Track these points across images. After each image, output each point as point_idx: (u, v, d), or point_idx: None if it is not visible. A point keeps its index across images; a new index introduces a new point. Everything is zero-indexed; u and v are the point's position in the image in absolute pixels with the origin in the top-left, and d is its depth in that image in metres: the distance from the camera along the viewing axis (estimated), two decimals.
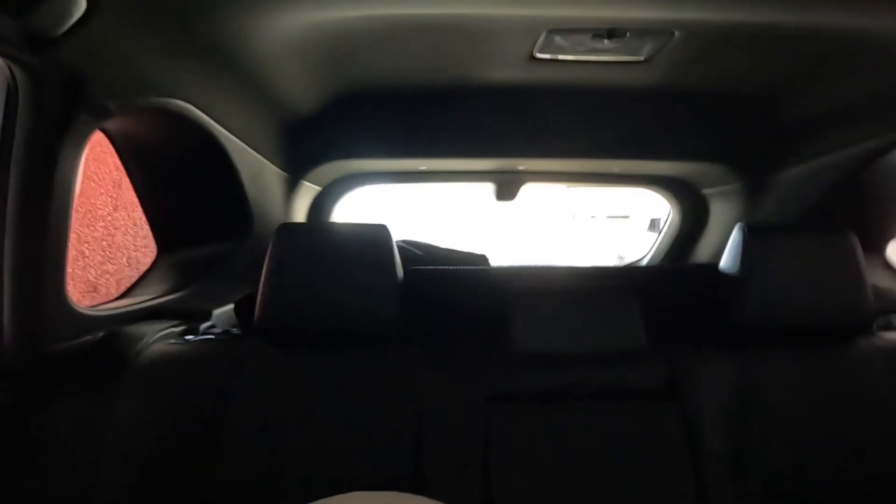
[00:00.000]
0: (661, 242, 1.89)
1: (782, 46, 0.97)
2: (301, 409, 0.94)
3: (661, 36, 0.93)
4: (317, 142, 1.34)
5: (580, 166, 1.57)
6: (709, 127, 1.33)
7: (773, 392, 0.99)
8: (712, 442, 0.97)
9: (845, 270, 1.02)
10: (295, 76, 1.06)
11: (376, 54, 1.05)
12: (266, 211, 1.30)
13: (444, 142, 1.35)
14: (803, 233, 1.07)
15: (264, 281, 0.97)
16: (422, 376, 0.98)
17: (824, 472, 0.95)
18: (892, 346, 1.05)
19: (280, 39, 0.87)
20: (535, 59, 1.04)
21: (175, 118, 0.90)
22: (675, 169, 1.58)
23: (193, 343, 1.01)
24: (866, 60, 0.96)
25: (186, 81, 0.86)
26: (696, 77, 1.13)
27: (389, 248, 1.00)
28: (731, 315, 1.04)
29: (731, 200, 1.57)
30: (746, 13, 0.76)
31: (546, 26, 0.90)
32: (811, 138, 1.27)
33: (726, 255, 1.09)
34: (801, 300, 1.01)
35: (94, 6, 0.60)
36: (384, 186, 1.78)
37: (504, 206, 1.80)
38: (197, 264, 1.23)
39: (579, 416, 1.00)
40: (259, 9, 0.76)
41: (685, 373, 1.03)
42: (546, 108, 1.26)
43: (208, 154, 1.05)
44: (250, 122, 1.09)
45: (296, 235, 1.02)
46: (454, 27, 0.92)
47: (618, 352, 1.04)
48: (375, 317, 0.97)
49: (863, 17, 0.77)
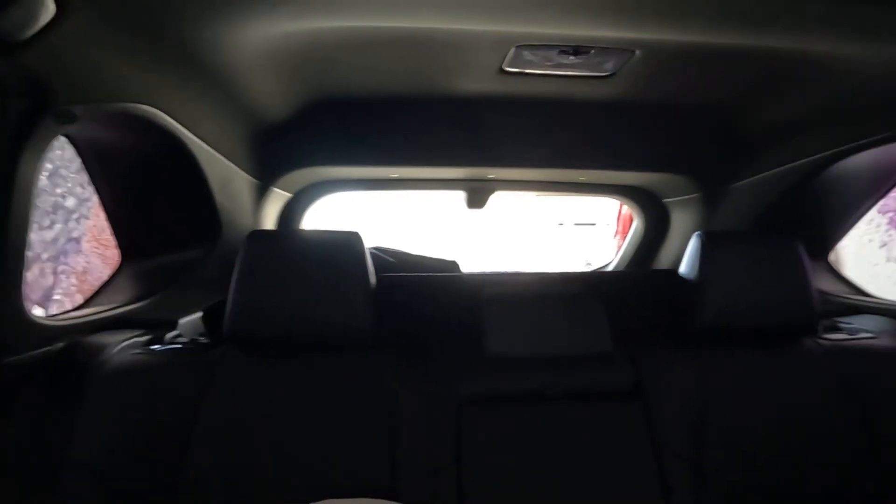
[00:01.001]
0: (625, 249, 1.96)
1: (734, 66, 1.03)
2: (273, 418, 0.93)
3: (623, 54, 0.97)
4: (287, 148, 1.33)
5: (548, 175, 1.61)
6: (669, 139, 1.40)
7: (730, 392, 1.05)
8: (674, 442, 1.01)
9: (793, 275, 1.09)
10: (266, 84, 1.05)
11: (348, 65, 1.05)
12: (235, 218, 1.28)
13: (414, 150, 1.36)
14: (755, 240, 1.13)
15: (234, 288, 0.96)
16: (394, 382, 0.98)
17: (778, 467, 1.00)
18: (836, 347, 1.12)
19: (252, 48, 0.87)
20: (505, 73, 1.07)
21: (142, 124, 0.88)
22: (637, 179, 1.64)
23: (159, 353, 0.99)
24: (809, 79, 1.04)
25: (155, 87, 0.84)
26: (656, 92, 1.18)
27: (361, 254, 1.01)
28: (690, 318, 1.10)
29: (690, 209, 1.64)
30: (698, 35, 0.81)
31: (514, 42, 0.93)
32: (762, 151, 1.35)
33: (685, 262, 1.14)
34: (753, 304, 1.07)
35: (62, 11, 0.59)
36: (357, 194, 1.78)
37: (476, 214, 1.82)
38: (163, 272, 1.20)
39: (549, 419, 1.02)
40: (231, 18, 0.76)
41: (649, 375, 1.08)
42: (515, 120, 1.30)
43: (176, 160, 1.03)
44: (220, 128, 1.08)
45: (266, 242, 1.02)
46: (425, 40, 0.94)
47: (585, 355, 1.08)
48: (348, 324, 0.98)
49: (803, 41, 0.83)
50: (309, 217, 1.71)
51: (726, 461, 1.00)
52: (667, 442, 1.01)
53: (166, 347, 1.02)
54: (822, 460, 1.01)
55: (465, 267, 1.63)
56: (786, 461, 1.00)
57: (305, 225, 1.70)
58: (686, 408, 1.03)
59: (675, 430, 1.02)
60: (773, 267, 1.09)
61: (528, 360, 1.06)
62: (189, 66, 0.85)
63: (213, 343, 1.06)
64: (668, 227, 1.79)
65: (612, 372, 1.09)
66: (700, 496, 0.97)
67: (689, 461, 1.00)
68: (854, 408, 1.04)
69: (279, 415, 0.93)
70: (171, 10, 0.71)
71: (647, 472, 0.99)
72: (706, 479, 0.99)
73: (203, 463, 0.88)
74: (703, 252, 1.10)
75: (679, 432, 1.02)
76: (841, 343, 1.14)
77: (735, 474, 0.99)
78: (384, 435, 0.94)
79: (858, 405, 1.04)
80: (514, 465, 0.98)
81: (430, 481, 0.94)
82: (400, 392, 0.98)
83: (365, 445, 0.93)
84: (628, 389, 1.08)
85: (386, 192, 1.74)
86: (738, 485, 0.99)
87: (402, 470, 0.93)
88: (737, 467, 0.99)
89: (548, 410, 1.03)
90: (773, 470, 1.00)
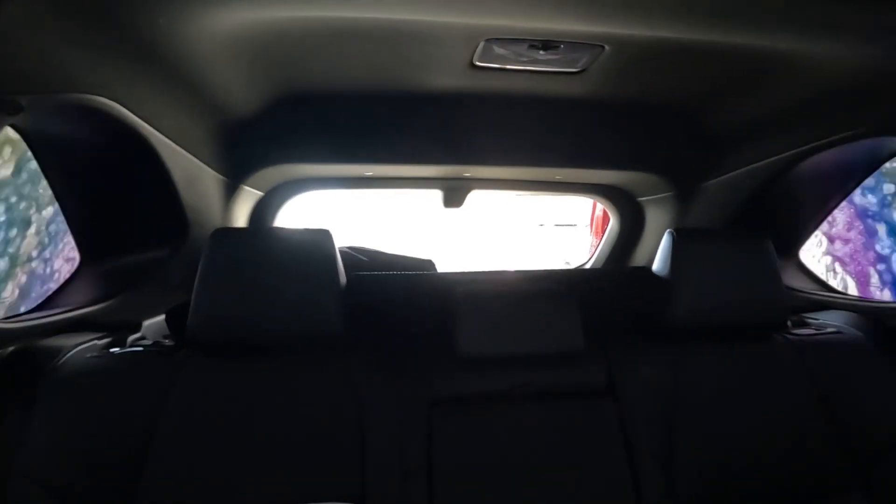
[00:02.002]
0: (602, 247, 1.97)
1: (701, 63, 1.04)
2: (237, 423, 0.90)
3: (592, 49, 0.97)
4: (257, 145, 1.30)
5: (524, 174, 1.61)
6: (641, 138, 1.40)
7: (701, 387, 1.05)
8: (646, 439, 1.01)
9: (763, 272, 1.10)
10: (231, 77, 1.02)
11: (316, 58, 1.03)
12: (204, 217, 1.24)
13: (389, 148, 1.35)
14: (725, 237, 1.14)
15: (198, 288, 0.93)
16: (365, 384, 0.97)
17: (747, 460, 1.01)
18: (804, 342, 1.14)
19: (212, 38, 0.84)
20: (476, 67, 1.06)
21: (99, 116, 0.85)
22: (612, 177, 1.65)
23: (118, 356, 0.95)
24: (775, 78, 1.05)
25: (111, 78, 0.81)
26: (627, 89, 1.19)
27: (331, 253, 0.99)
28: (662, 315, 1.10)
29: (664, 207, 1.65)
30: (665, 30, 0.81)
31: (484, 35, 0.92)
32: (732, 149, 1.37)
33: (658, 259, 1.15)
34: (724, 300, 1.08)
35: None
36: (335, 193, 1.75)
37: (457, 215, 1.81)
38: (125, 272, 1.16)
39: (521, 418, 1.01)
40: (188, 6, 0.73)
41: (621, 372, 1.08)
42: (489, 117, 1.29)
43: (138, 156, 1.00)
44: (184, 122, 1.04)
45: (232, 241, 0.99)
46: (394, 33, 0.92)
47: (558, 353, 1.07)
48: (317, 324, 0.95)
49: (767, 39, 0.84)
50: (283, 216, 1.68)
51: (697, 457, 1.00)
52: (638, 439, 1.01)
53: (126, 350, 0.98)
54: (790, 453, 1.02)
55: (443, 267, 1.62)
56: (755, 455, 1.01)
57: (278, 224, 1.67)
58: (657, 404, 1.03)
59: (646, 427, 1.02)
60: (743, 264, 1.10)
61: (500, 359, 1.05)
62: (146, 56, 0.82)
63: (177, 346, 1.02)
64: (644, 226, 1.81)
65: (584, 370, 1.08)
66: (671, 492, 0.97)
67: (660, 458, 1.00)
68: (821, 401, 1.06)
69: (244, 420, 0.90)
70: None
71: (618, 470, 0.99)
72: (677, 476, 0.99)
73: (162, 472, 0.84)
74: (674, 249, 1.10)
75: (650, 429, 1.02)
76: (809, 338, 1.16)
77: (705, 470, 1.00)
78: (354, 438, 0.92)
79: (826, 398, 1.06)
80: (485, 466, 0.97)
81: (402, 484, 0.92)
82: (370, 393, 0.96)
83: (334, 449, 0.91)
84: (601, 387, 1.07)
85: (366, 192, 1.71)
86: (708, 480, 0.99)
87: (372, 473, 0.91)
88: (707, 463, 1.00)
89: (520, 410, 1.02)
90: (742, 464, 1.01)
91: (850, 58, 0.90)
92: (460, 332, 1.05)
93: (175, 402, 0.89)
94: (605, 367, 1.09)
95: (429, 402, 1.01)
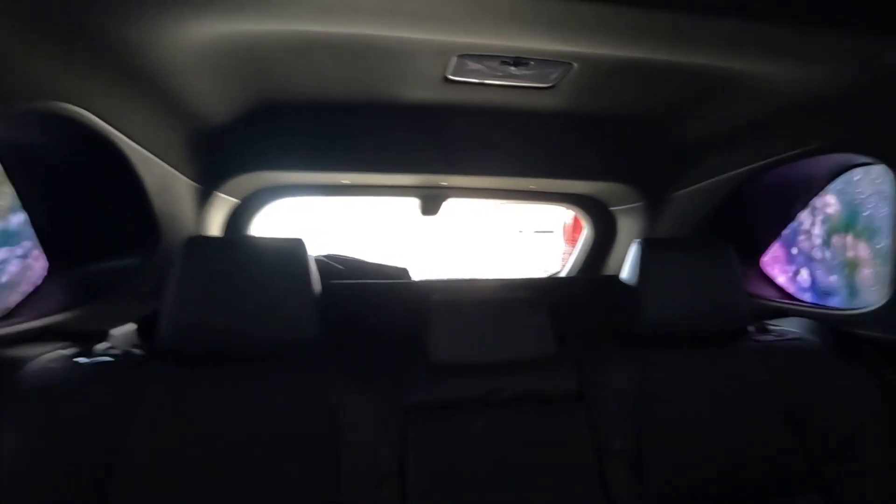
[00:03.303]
0: (577, 255, 2.01)
1: (666, 81, 1.08)
2: (209, 435, 0.89)
3: (562, 66, 1.01)
4: (231, 152, 1.30)
5: (499, 183, 1.64)
6: (612, 150, 1.45)
7: (668, 392, 1.09)
8: (615, 442, 1.04)
9: (726, 280, 1.14)
10: (205, 86, 1.02)
11: (291, 69, 1.04)
12: (176, 224, 1.23)
13: (364, 156, 1.36)
14: (690, 246, 1.18)
15: (169, 296, 0.92)
16: (339, 391, 0.97)
17: (712, 461, 1.05)
18: (766, 347, 1.18)
19: (185, 49, 0.85)
20: (449, 81, 1.08)
21: (68, 124, 0.84)
22: (585, 188, 1.69)
23: (84, 366, 0.93)
24: (736, 96, 1.10)
25: (80, 86, 0.80)
26: (596, 104, 1.23)
27: (305, 261, 0.99)
28: (631, 322, 1.13)
29: (634, 217, 1.70)
30: (629, 50, 0.85)
31: (456, 51, 0.95)
32: (698, 162, 1.42)
33: (627, 268, 1.18)
34: (690, 307, 1.12)
35: None
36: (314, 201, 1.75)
37: (437, 222, 1.83)
38: (95, 281, 1.14)
39: (493, 424, 1.03)
40: (160, 17, 0.74)
41: (591, 377, 1.10)
42: (464, 127, 1.31)
43: (108, 163, 0.98)
44: (157, 130, 1.03)
45: (205, 248, 0.98)
46: (366, 48, 0.94)
47: (530, 360, 1.09)
48: (290, 332, 0.96)
49: (723, 59, 0.88)
50: (258, 224, 1.67)
51: (664, 459, 1.03)
52: (608, 443, 1.04)
53: (93, 360, 0.96)
54: (753, 454, 1.06)
55: (422, 274, 1.63)
56: (720, 456, 1.05)
57: (254, 232, 1.66)
58: (626, 409, 1.06)
59: (616, 431, 1.05)
60: (707, 272, 1.14)
61: (473, 366, 1.07)
62: (118, 65, 0.82)
63: (147, 356, 1.01)
64: (616, 235, 1.85)
65: (556, 376, 1.11)
66: (639, 493, 1.00)
67: (629, 461, 1.03)
68: (782, 403, 1.10)
69: (216, 431, 0.90)
70: (89, 6, 0.68)
71: (589, 474, 1.01)
72: (645, 478, 1.02)
73: (131, 483, 0.83)
74: (642, 258, 1.14)
75: (620, 433, 1.05)
76: (770, 344, 1.20)
77: (671, 471, 1.03)
78: (327, 445, 0.92)
79: (786, 402, 1.11)
80: (458, 472, 0.98)
81: (375, 491, 0.92)
82: (344, 401, 0.96)
83: (308, 457, 0.91)
84: (572, 392, 1.10)
85: (344, 200, 1.71)
86: (674, 481, 1.02)
87: (346, 480, 0.91)
88: (673, 464, 1.03)
89: (493, 416, 1.04)
90: (707, 465, 1.04)
91: (801, 78, 0.95)
92: (434, 340, 1.06)
93: (144, 412, 0.88)
94: (575, 373, 1.11)
95: (402, 409, 1.02)
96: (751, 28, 0.76)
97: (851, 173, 1.33)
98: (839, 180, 1.37)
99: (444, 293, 1.13)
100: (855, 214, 1.34)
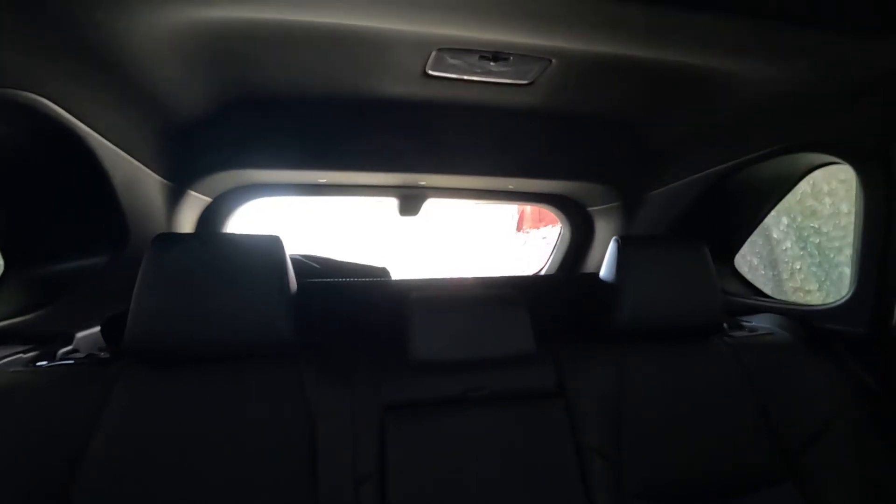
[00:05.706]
0: (555, 254, 2.02)
1: (642, 79, 1.10)
2: (179, 439, 0.86)
3: (540, 62, 1.01)
4: (204, 149, 1.26)
5: (478, 183, 1.64)
6: (588, 149, 1.46)
7: (646, 388, 1.10)
8: (594, 439, 1.04)
9: (700, 278, 1.16)
10: (177, 77, 0.99)
11: (266, 62, 1.02)
12: (146, 223, 1.19)
13: (341, 154, 1.34)
14: (666, 244, 1.20)
15: (137, 296, 0.89)
16: (316, 390, 0.95)
17: (688, 454, 1.06)
18: (739, 344, 1.21)
19: (156, 36, 0.82)
20: (429, 76, 1.08)
21: (28, 113, 0.80)
22: (562, 188, 1.70)
23: (45, 370, 0.89)
24: (709, 95, 1.12)
25: (41, 73, 0.76)
26: (575, 102, 1.24)
27: (281, 259, 0.96)
28: (609, 319, 1.14)
29: (612, 216, 1.72)
30: (606, 46, 0.86)
31: (435, 45, 0.94)
32: (673, 162, 1.44)
33: (604, 266, 1.19)
34: (666, 304, 1.13)
35: None
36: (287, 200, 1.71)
37: (427, 222, 1.81)
38: (57, 281, 1.09)
39: (473, 421, 1.02)
40: (125, 1, 0.71)
41: (570, 374, 1.11)
42: (442, 125, 1.31)
43: (72, 157, 0.94)
44: (125, 123, 0.99)
45: (175, 246, 0.94)
46: (345, 39, 0.92)
47: (509, 357, 1.09)
48: (265, 331, 0.93)
49: (698, 56, 0.90)
50: (233, 224, 1.62)
51: (642, 454, 1.04)
52: (588, 439, 1.04)
53: (55, 364, 0.92)
54: (729, 447, 1.07)
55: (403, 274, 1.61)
56: (696, 449, 1.06)
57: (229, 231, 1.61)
58: (605, 405, 1.07)
59: (594, 428, 1.05)
60: (682, 270, 1.16)
61: (453, 364, 1.06)
62: (81, 51, 0.78)
63: (113, 358, 0.97)
64: (593, 234, 1.87)
65: (535, 373, 1.11)
66: (618, 486, 1.01)
67: (607, 455, 1.03)
68: (756, 398, 1.12)
69: (187, 435, 0.86)
70: None
71: (568, 470, 1.01)
72: (623, 473, 1.02)
73: (96, 491, 0.79)
74: (619, 256, 1.15)
75: (598, 429, 1.05)
76: (744, 339, 1.23)
77: (650, 464, 1.04)
78: (305, 445, 0.90)
79: (760, 395, 1.13)
80: (438, 470, 0.96)
81: (354, 491, 0.90)
82: (321, 400, 0.94)
83: (284, 458, 0.89)
84: (551, 389, 1.10)
85: (322, 200, 1.68)
86: (652, 474, 1.03)
87: (324, 483, 0.89)
88: (651, 458, 1.04)
89: (472, 413, 1.03)
90: (684, 458, 1.05)
91: (771, 77, 0.98)
92: (413, 338, 1.05)
93: (109, 416, 0.84)
94: (555, 369, 1.11)
95: (381, 408, 1.00)
96: (723, 23, 0.78)
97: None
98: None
99: (422, 291, 1.12)
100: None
